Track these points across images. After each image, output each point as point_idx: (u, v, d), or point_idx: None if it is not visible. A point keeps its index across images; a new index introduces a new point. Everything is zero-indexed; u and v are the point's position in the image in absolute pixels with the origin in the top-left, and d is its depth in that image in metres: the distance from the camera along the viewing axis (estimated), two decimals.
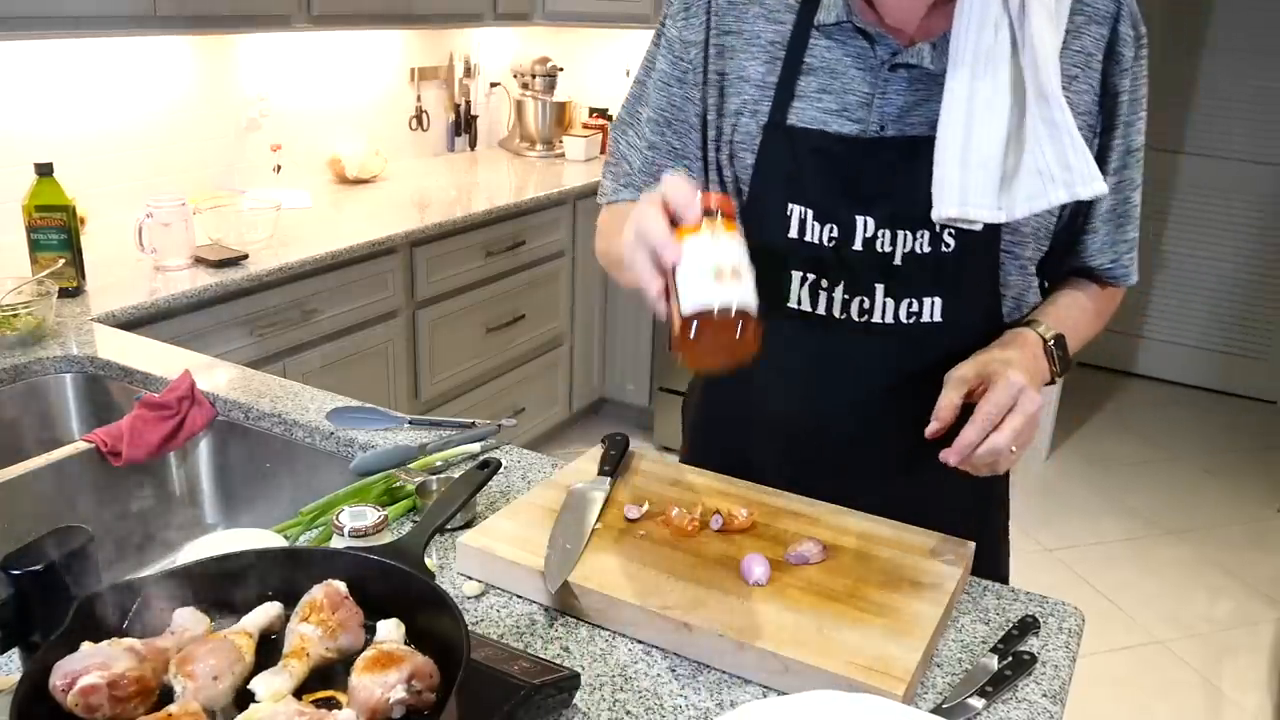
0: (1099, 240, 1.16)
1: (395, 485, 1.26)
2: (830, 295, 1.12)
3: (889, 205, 1.08)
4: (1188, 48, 4.49)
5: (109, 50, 2.66)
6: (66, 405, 1.78)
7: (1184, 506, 3.76)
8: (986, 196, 1.03)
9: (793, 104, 1.10)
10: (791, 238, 1.12)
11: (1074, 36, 1.06)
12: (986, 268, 1.11)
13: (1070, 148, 1.02)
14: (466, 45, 3.90)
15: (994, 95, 1.02)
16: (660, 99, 1.19)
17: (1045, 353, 1.10)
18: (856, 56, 1.08)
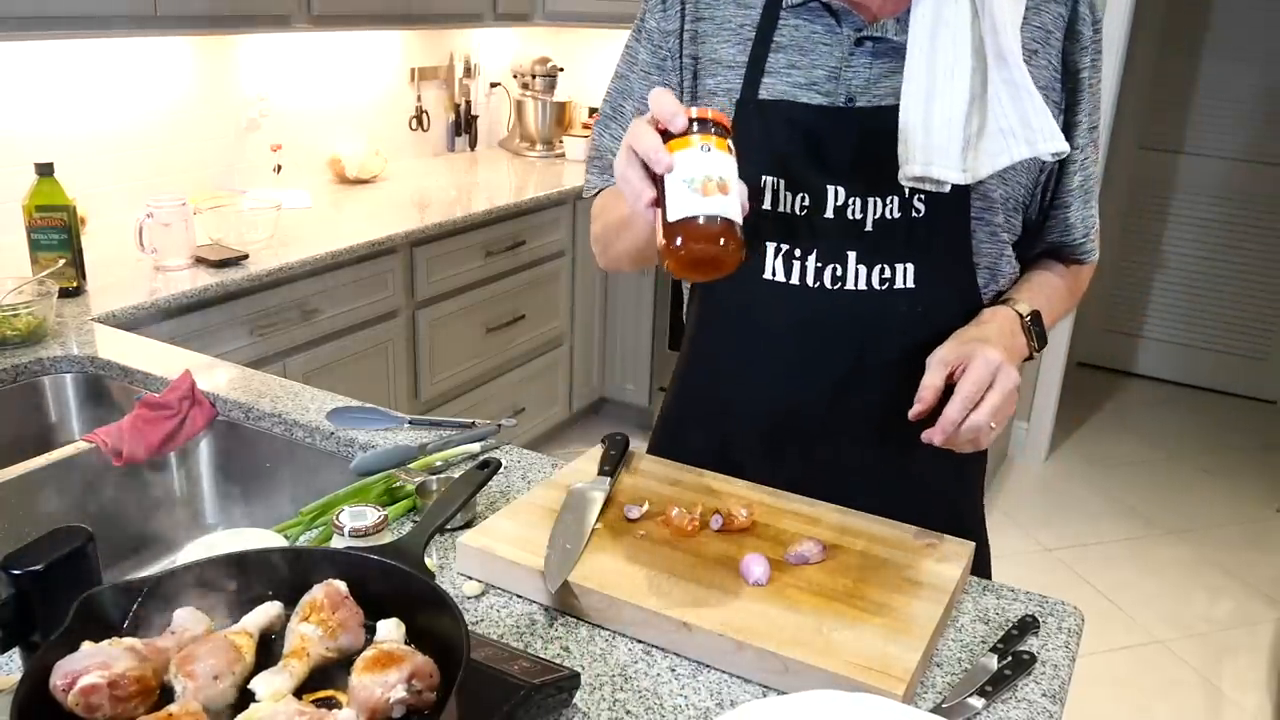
0: (1073, 215, 1.21)
1: (395, 485, 1.26)
2: (804, 264, 1.15)
3: (858, 173, 1.12)
4: (1187, 48, 4.49)
5: (109, 50, 2.66)
6: (67, 405, 1.78)
7: (1184, 506, 3.76)
8: (951, 157, 1.06)
9: (763, 80, 1.15)
10: (765, 209, 1.15)
11: (1034, 13, 1.10)
12: (957, 233, 1.14)
13: (1031, 107, 1.05)
14: (466, 45, 3.90)
15: (955, 62, 1.06)
16: (645, 89, 1.22)
17: (1023, 329, 1.14)
18: (824, 32, 1.13)
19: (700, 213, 0.87)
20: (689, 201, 0.88)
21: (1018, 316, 1.14)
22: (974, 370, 1.01)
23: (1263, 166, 4.51)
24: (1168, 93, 4.51)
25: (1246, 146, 4.52)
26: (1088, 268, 1.29)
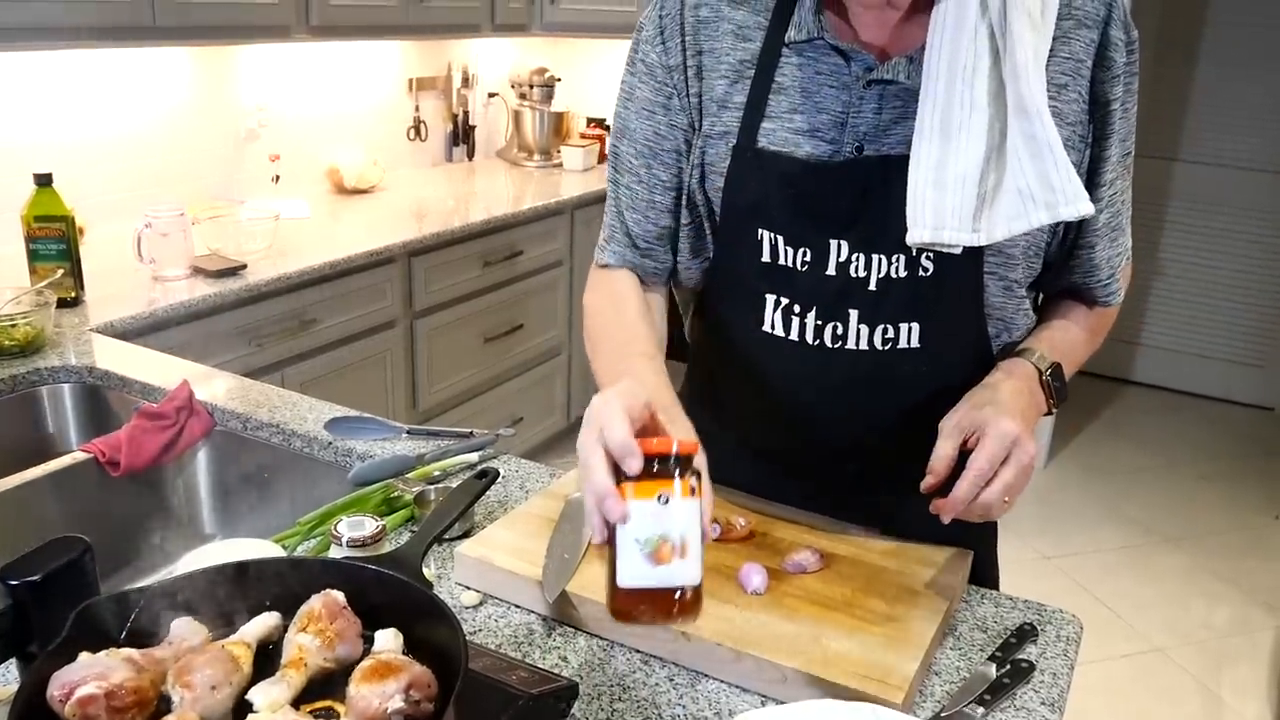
0: (1098, 255, 1.11)
1: (393, 495, 1.26)
2: (803, 321, 1.09)
3: (863, 228, 1.04)
4: (1182, 55, 4.51)
5: (108, 60, 2.66)
6: (65, 415, 1.78)
7: (1182, 514, 3.76)
8: (963, 219, 0.98)
9: (762, 125, 1.06)
10: (764, 262, 1.09)
11: (1062, 43, 1.00)
12: (968, 292, 1.07)
13: (1053, 166, 0.97)
14: (464, 56, 3.91)
15: (971, 110, 0.97)
16: (645, 128, 1.14)
17: (1042, 385, 1.06)
18: (830, 74, 1.04)
19: (651, 584, 0.78)
20: (639, 568, 0.78)
21: (1036, 372, 1.06)
22: (988, 445, 0.93)
23: (1259, 174, 4.52)
24: (1164, 100, 4.53)
25: (1243, 154, 4.53)
26: (1112, 310, 1.18)
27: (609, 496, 0.79)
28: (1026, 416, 0.99)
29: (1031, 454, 0.94)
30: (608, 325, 1.14)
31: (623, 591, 0.79)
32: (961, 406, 1.01)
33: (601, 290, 1.20)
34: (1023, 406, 1.00)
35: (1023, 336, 1.14)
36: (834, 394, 1.11)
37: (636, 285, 1.19)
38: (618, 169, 1.18)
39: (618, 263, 1.19)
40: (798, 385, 1.12)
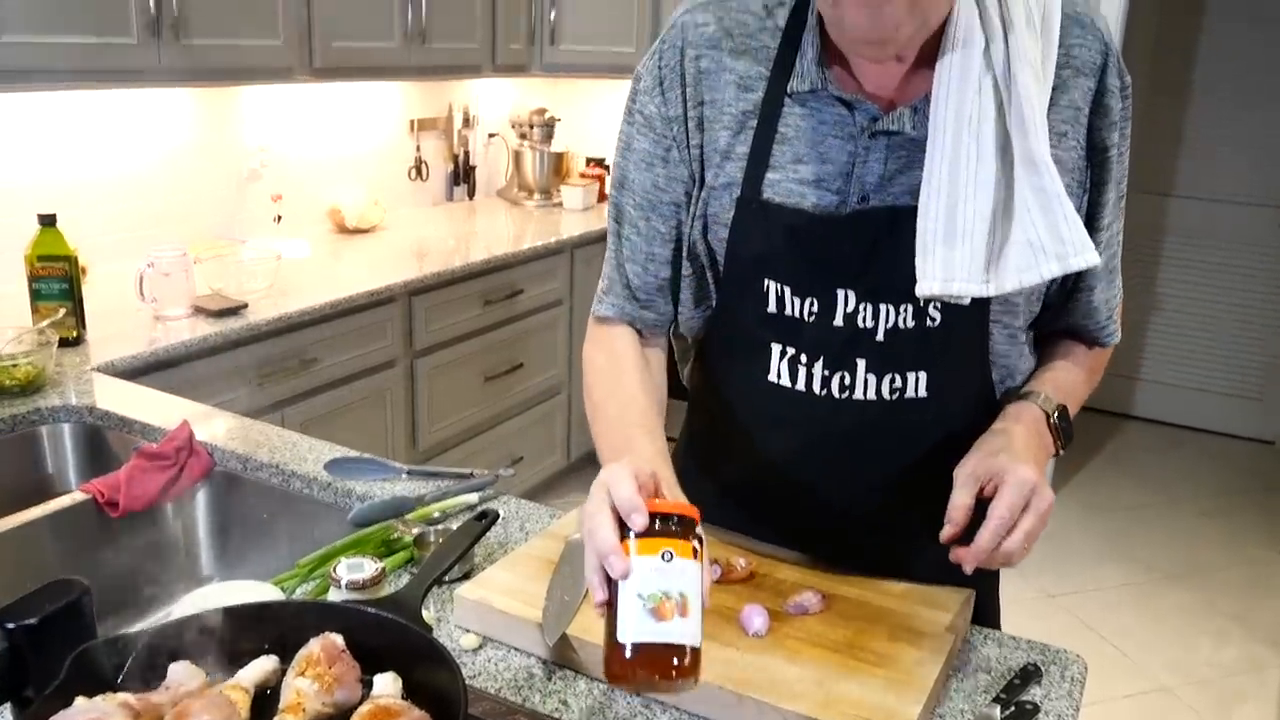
0: (1097, 297, 1.12)
1: (393, 536, 1.26)
2: (810, 371, 1.08)
3: (870, 279, 1.04)
4: (1173, 91, 4.55)
5: (112, 101, 2.69)
6: (64, 455, 1.78)
7: (1185, 550, 3.74)
8: (973, 271, 0.99)
9: (767, 176, 1.06)
10: (770, 312, 1.08)
11: (1061, 91, 1.01)
12: (975, 341, 1.08)
13: (1062, 218, 0.97)
14: (465, 96, 3.95)
15: (979, 163, 0.97)
16: (644, 179, 1.13)
17: (1049, 427, 1.06)
18: (834, 124, 1.03)
19: (653, 640, 0.78)
20: (642, 624, 0.78)
21: (1044, 415, 1.06)
22: (1008, 494, 0.93)
23: (1252, 208, 4.55)
24: (1157, 136, 4.57)
25: (1235, 188, 4.57)
26: (1109, 350, 1.20)
27: (613, 553, 0.80)
28: (1039, 461, 1.00)
29: (1050, 500, 0.94)
30: (607, 394, 1.13)
31: (622, 649, 0.78)
32: (974, 454, 1.00)
33: (601, 347, 1.18)
34: (1035, 452, 1.01)
35: (1025, 380, 1.14)
36: (840, 443, 1.11)
37: (635, 343, 1.18)
38: (618, 220, 1.17)
39: (616, 315, 1.18)
40: (804, 434, 1.11)
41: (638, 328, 1.19)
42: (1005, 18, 0.98)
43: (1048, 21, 1.00)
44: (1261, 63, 4.41)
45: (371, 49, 3.03)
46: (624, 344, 1.17)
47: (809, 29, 1.03)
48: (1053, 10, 1.01)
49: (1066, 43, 1.01)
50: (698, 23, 1.09)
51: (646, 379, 1.14)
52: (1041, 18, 1.00)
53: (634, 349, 1.17)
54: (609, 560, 0.80)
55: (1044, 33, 0.99)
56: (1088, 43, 1.02)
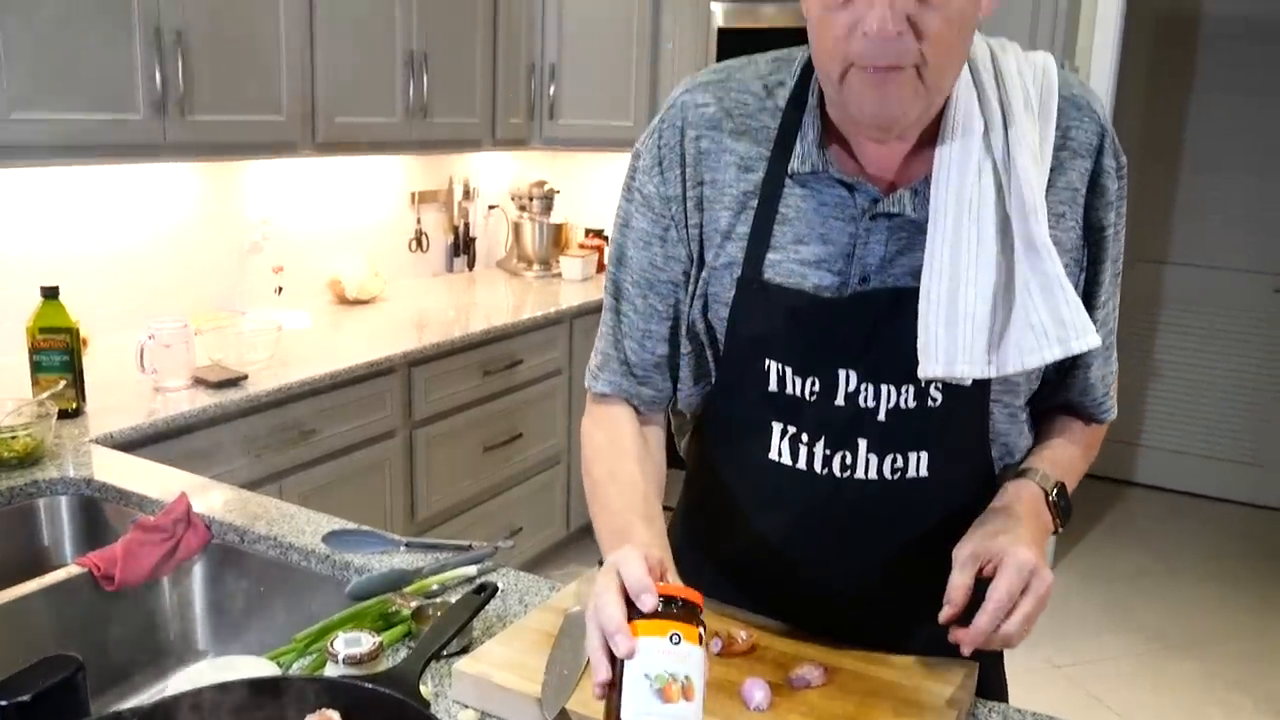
0: (1094, 374, 1.13)
1: (391, 610, 1.25)
2: (811, 450, 1.08)
3: (872, 360, 1.04)
4: (1165, 160, 4.63)
5: (116, 173, 2.72)
6: (61, 528, 1.77)
7: (1191, 619, 3.70)
8: (975, 353, 0.99)
9: (768, 256, 1.06)
10: (771, 391, 1.08)
11: (1059, 173, 1.02)
12: (976, 420, 1.08)
13: (1064, 301, 0.98)
14: (465, 169, 4.00)
15: (979, 245, 0.98)
16: (642, 258, 1.13)
17: (1048, 505, 1.07)
18: (835, 205, 1.04)
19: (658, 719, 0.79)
20: (648, 704, 0.79)
21: (1043, 493, 1.07)
22: (1006, 577, 0.94)
23: (1246, 274, 4.59)
24: (1150, 204, 4.63)
25: (1230, 256, 4.61)
26: (1104, 426, 1.19)
27: (619, 631, 0.80)
28: (1038, 541, 1.00)
29: (1048, 583, 0.94)
30: (606, 474, 1.12)
31: None
32: (974, 534, 1.01)
33: (600, 424, 1.18)
34: (1034, 531, 1.01)
35: (1023, 456, 1.14)
36: (841, 522, 1.10)
37: (634, 421, 1.17)
38: (615, 296, 1.17)
39: (614, 391, 1.18)
40: (804, 513, 1.11)
41: (635, 404, 1.18)
42: (1004, 101, 1.00)
43: (1045, 104, 1.02)
44: (1251, 132, 4.49)
45: (373, 124, 3.08)
46: (623, 422, 1.16)
47: (809, 110, 1.05)
48: (1050, 93, 1.02)
49: (1063, 125, 1.03)
50: (698, 103, 1.10)
51: (645, 459, 1.13)
52: (1039, 100, 1.02)
53: (633, 427, 1.16)
54: (615, 639, 0.80)
55: (1041, 115, 1.01)
56: (1084, 125, 1.04)
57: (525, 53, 3.75)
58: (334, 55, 2.89)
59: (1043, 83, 1.03)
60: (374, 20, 3.02)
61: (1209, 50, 4.54)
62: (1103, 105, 1.07)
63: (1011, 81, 1.01)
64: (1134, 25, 4.20)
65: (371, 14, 3.01)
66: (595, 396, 1.20)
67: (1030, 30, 3.33)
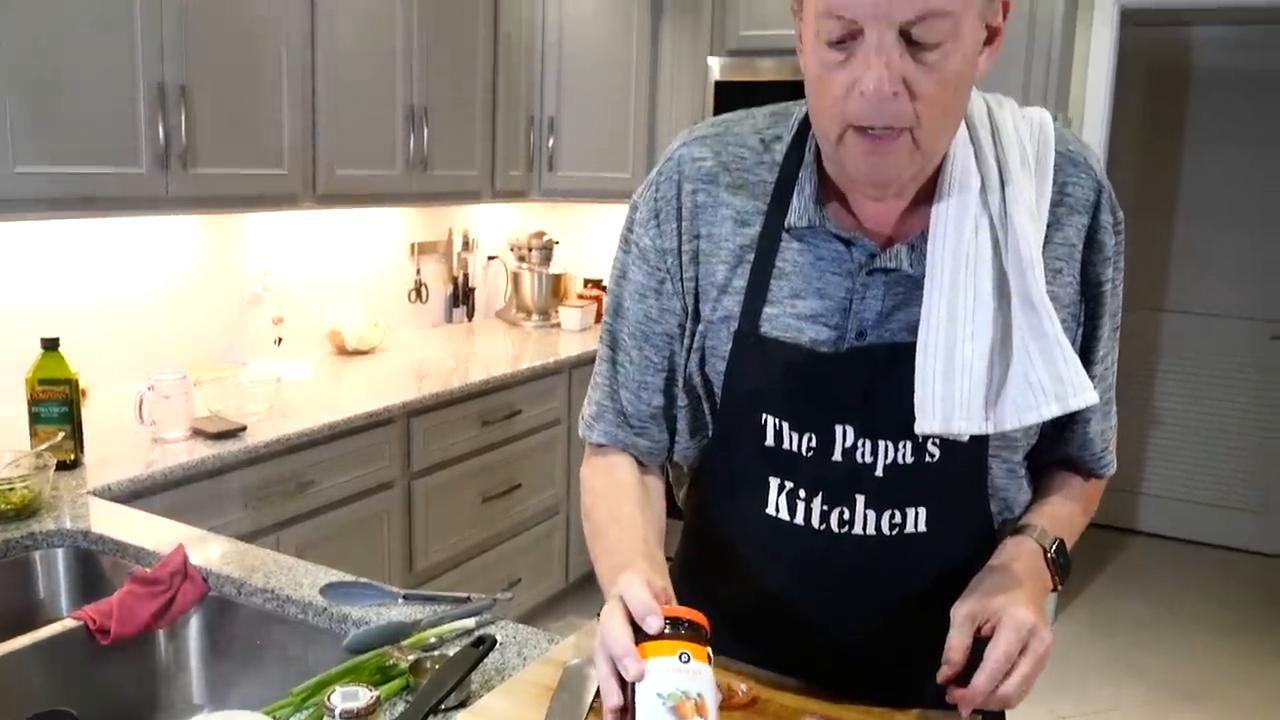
0: (1093, 429, 1.12)
1: (389, 663, 1.24)
2: (809, 505, 1.08)
3: (869, 415, 1.04)
4: (1161, 211, 4.68)
5: (117, 224, 2.74)
6: (57, 581, 1.75)
7: (1197, 667, 3.67)
8: (972, 409, 0.99)
9: (765, 310, 1.06)
10: (768, 446, 1.08)
11: (1056, 229, 1.03)
12: (974, 476, 1.08)
13: (1061, 359, 0.98)
14: (465, 220, 4.03)
15: (976, 302, 0.99)
16: (638, 310, 1.14)
17: (1047, 563, 1.06)
18: (832, 260, 1.05)
19: None
20: None
21: (1041, 550, 1.06)
22: (1004, 637, 0.93)
23: (1243, 321, 4.62)
24: (1146, 253, 4.66)
25: (1226, 303, 4.65)
26: (1103, 481, 1.19)
27: (627, 655, 0.80)
28: (1036, 599, 0.99)
29: (1047, 643, 0.94)
30: (607, 517, 1.12)
31: None
32: (972, 593, 1.00)
33: (600, 472, 1.18)
34: (1033, 590, 1.00)
35: (1022, 512, 1.14)
36: (839, 577, 1.10)
37: (634, 469, 1.17)
38: (612, 347, 1.17)
39: (610, 442, 1.18)
40: (802, 567, 1.11)
41: (633, 455, 1.19)
42: (1000, 158, 1.01)
43: (1042, 161, 1.03)
44: (1244, 182, 4.54)
45: (374, 177, 3.11)
46: (623, 469, 1.17)
47: (806, 165, 1.05)
48: (1046, 149, 1.03)
49: (1060, 181, 1.03)
50: (694, 156, 1.11)
51: (646, 504, 1.13)
52: (1035, 157, 1.03)
53: (633, 475, 1.17)
54: (623, 662, 0.80)
55: (1038, 172, 1.02)
56: (1081, 181, 1.04)
57: (524, 106, 3.80)
58: (335, 109, 2.92)
59: (1039, 139, 1.04)
60: (375, 74, 3.06)
61: (1200, 102, 4.61)
62: (1099, 161, 1.07)
63: (1008, 138, 1.02)
64: (1126, 78, 4.27)
65: (372, 68, 3.05)
66: (593, 446, 1.21)
67: (1024, 83, 3.38)
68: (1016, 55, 3.38)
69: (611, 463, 1.18)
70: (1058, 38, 3.35)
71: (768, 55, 3.66)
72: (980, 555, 1.06)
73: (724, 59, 3.75)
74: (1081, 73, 3.74)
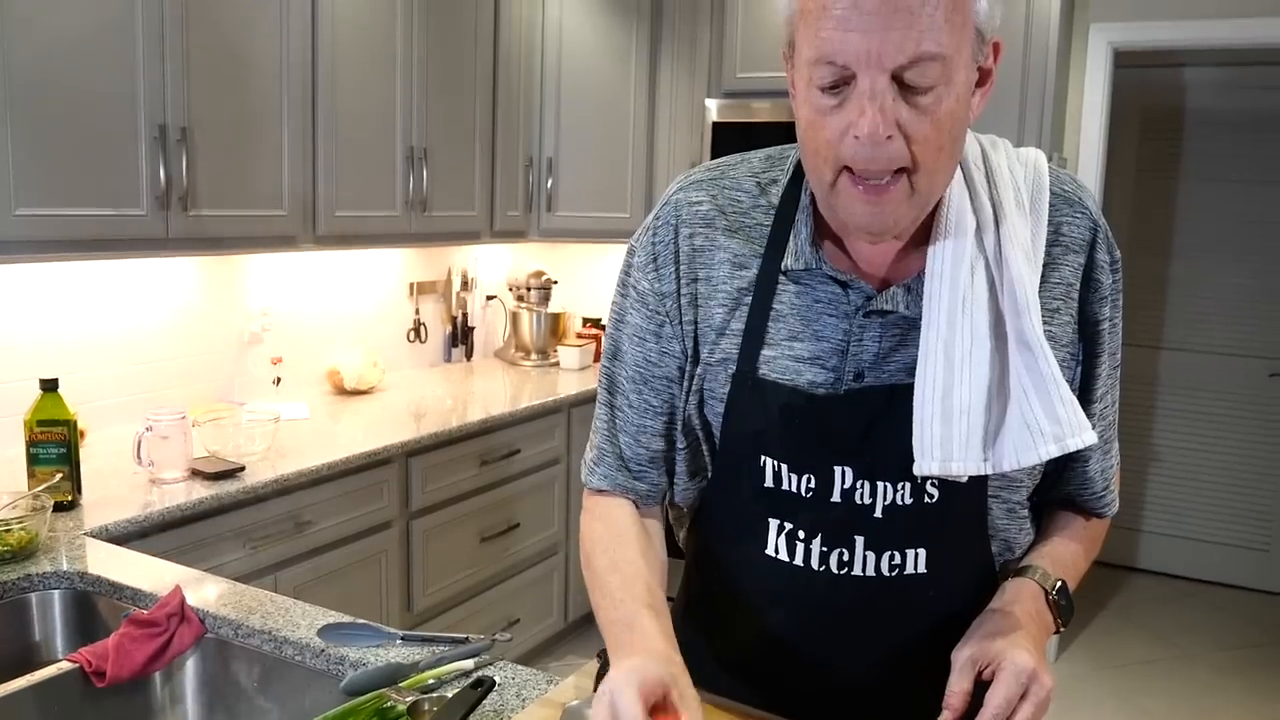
0: (1092, 468, 1.12)
1: (386, 705, 1.22)
2: (808, 546, 1.08)
3: (867, 456, 1.04)
4: (1156, 249, 4.71)
5: (116, 265, 2.75)
6: (53, 623, 1.74)
7: (1200, 707, 3.63)
8: (970, 450, 0.99)
9: (762, 352, 1.07)
10: (767, 487, 1.09)
11: (1052, 269, 1.04)
12: (973, 517, 1.08)
13: (1058, 399, 0.98)
14: (464, 260, 4.05)
15: (973, 343, 0.99)
16: (636, 354, 1.15)
17: (1049, 605, 1.05)
18: (828, 303, 1.05)
19: None
20: None
21: (1043, 592, 1.05)
22: (1005, 683, 0.92)
23: (1241, 359, 4.63)
24: (1144, 291, 4.69)
25: (1224, 340, 4.66)
26: (1106, 521, 1.18)
27: None
28: (1038, 642, 0.99)
29: (1049, 688, 0.93)
30: (609, 565, 1.11)
31: None
32: (973, 636, 0.99)
33: (599, 518, 1.17)
34: (1034, 633, 0.99)
35: (1023, 553, 1.13)
36: (839, 618, 1.09)
37: (634, 513, 1.17)
38: (610, 391, 1.17)
39: (609, 486, 1.18)
40: (803, 608, 1.10)
41: (632, 498, 1.18)
42: (995, 199, 1.02)
43: (1036, 201, 1.04)
44: (1238, 220, 4.58)
45: (373, 218, 3.13)
46: (622, 514, 1.16)
47: (802, 208, 1.06)
48: (1040, 189, 1.04)
49: (1055, 220, 1.04)
50: (691, 200, 1.12)
51: (648, 549, 1.13)
52: (1030, 197, 1.04)
53: (633, 519, 1.16)
54: None
55: (1034, 212, 1.03)
56: (1076, 220, 1.05)
57: (523, 146, 3.83)
58: (335, 150, 2.95)
59: (1034, 179, 1.05)
60: (374, 115, 3.09)
61: (1194, 142, 4.66)
62: (1095, 200, 1.08)
63: (1002, 179, 1.03)
64: (1120, 119, 4.32)
65: (372, 109, 3.08)
66: (591, 491, 1.20)
67: (1018, 125, 3.41)
68: (1011, 97, 3.42)
69: (611, 505, 1.17)
70: (1051, 79, 3.39)
71: (764, 97, 3.70)
72: (981, 596, 1.06)
73: (721, 100, 3.79)
74: (1076, 114, 3.78)
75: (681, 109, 3.95)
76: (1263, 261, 4.57)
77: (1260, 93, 4.51)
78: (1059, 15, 3.38)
